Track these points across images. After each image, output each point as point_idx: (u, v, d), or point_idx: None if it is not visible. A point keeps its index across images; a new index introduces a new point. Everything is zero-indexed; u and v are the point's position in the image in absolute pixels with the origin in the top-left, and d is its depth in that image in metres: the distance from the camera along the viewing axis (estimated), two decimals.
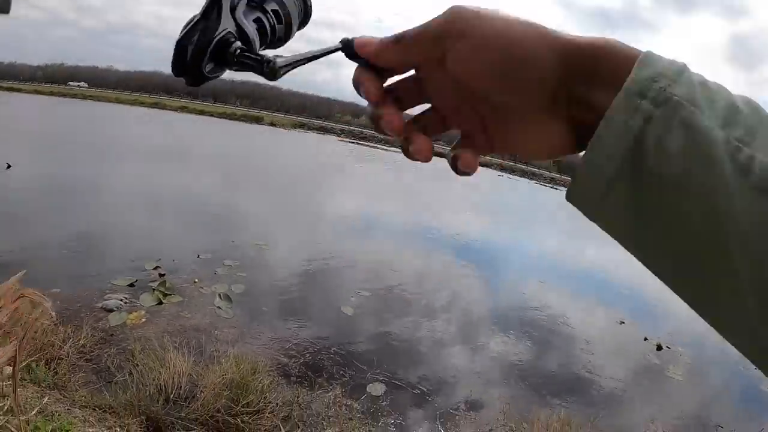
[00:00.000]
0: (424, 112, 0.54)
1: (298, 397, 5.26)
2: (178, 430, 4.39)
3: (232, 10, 0.55)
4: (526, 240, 17.17)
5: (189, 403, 4.68)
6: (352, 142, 50.01)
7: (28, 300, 2.06)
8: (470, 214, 19.71)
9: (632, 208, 0.40)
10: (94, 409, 4.32)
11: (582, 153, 0.42)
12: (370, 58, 0.50)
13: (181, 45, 0.52)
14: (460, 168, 0.51)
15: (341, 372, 6.02)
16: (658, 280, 0.43)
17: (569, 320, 9.11)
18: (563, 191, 0.45)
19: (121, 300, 6.74)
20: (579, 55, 0.42)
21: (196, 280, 7.85)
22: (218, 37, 0.53)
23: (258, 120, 48.28)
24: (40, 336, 5.04)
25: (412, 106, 0.53)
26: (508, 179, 49.26)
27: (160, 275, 7.83)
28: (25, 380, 4.29)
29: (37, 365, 4.64)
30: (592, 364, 7.45)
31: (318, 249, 11.21)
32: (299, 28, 0.64)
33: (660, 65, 0.40)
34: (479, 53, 0.44)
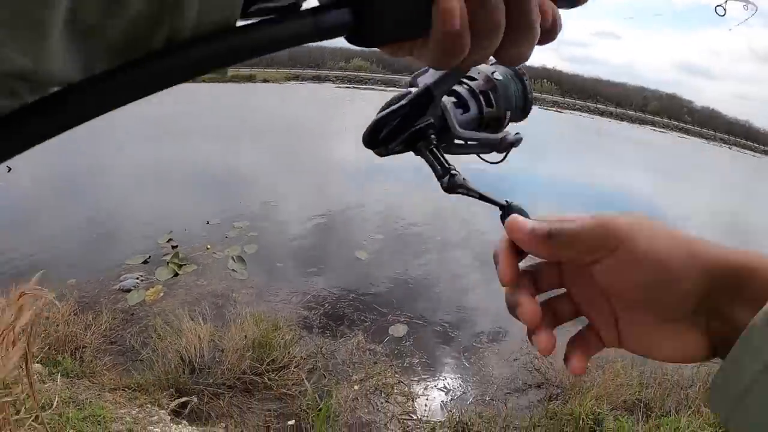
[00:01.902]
0: (558, 297, 0.54)
1: (321, 348, 5.30)
2: (207, 396, 4.45)
3: (441, 95, 0.56)
4: (539, 166, 17.00)
5: (215, 369, 4.72)
6: (349, 87, 49.39)
7: (31, 296, 2.03)
8: None
9: (760, 425, 0.39)
10: (124, 390, 4.37)
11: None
12: (516, 242, 0.51)
13: (379, 123, 0.56)
14: (569, 368, 0.51)
15: (362, 317, 6.04)
16: (679, 201, 0.39)
17: None
18: (567, 114, 0.38)
19: (137, 278, 6.76)
20: (726, 273, 0.42)
21: (209, 246, 7.85)
22: (416, 128, 0.56)
23: (250, 78, 47.59)
24: (63, 328, 5.09)
25: (547, 290, 0.54)
26: None
27: (173, 247, 7.83)
28: (54, 374, 4.34)
29: (63, 357, 4.69)
30: None
31: (326, 198, 11.16)
32: (517, 120, 0.67)
33: None
34: (628, 270, 0.45)
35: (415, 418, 4.48)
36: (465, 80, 0.61)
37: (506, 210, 0.56)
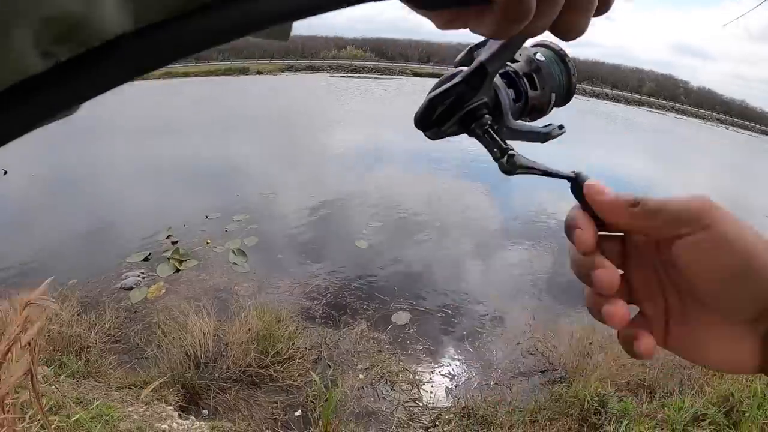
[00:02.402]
0: (635, 278, 0.51)
1: (325, 338, 5.32)
2: (213, 391, 4.47)
3: (495, 73, 0.54)
4: (534, 149, 16.94)
5: (220, 363, 4.75)
6: (344, 76, 49.17)
7: (35, 306, 2.02)
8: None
9: None
10: (131, 388, 4.39)
11: None
12: (596, 207, 0.48)
13: (432, 102, 0.52)
14: (636, 350, 0.46)
15: (364, 306, 6.06)
16: (676, 182, 0.39)
17: None
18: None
19: (139, 276, 6.77)
20: None
21: (209, 241, 7.86)
22: (470, 107, 0.52)
23: (244, 71, 47.42)
24: (66, 328, 5.11)
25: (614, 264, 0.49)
26: None
27: (173, 243, 7.83)
28: (60, 375, 4.35)
29: (68, 358, 4.70)
30: None
31: (324, 188, 11.15)
32: (561, 105, 0.64)
33: None
34: (715, 252, 0.42)
35: (420, 404, 4.51)
36: (507, 62, 0.59)
37: (576, 180, 0.51)
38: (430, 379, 4.92)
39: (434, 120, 0.53)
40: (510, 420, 4.19)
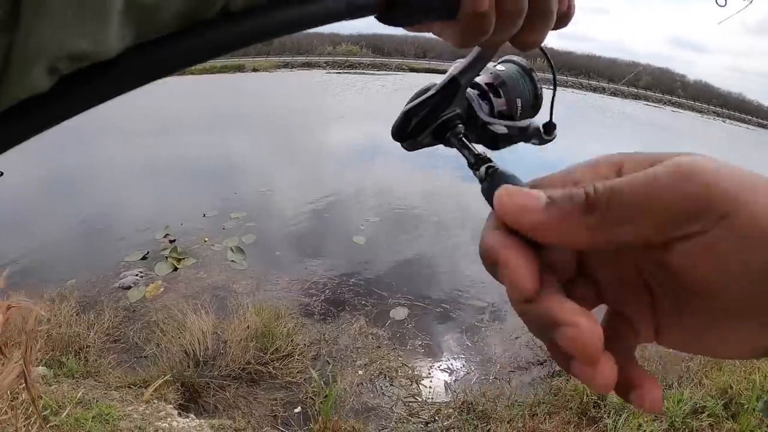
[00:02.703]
0: (577, 281, 0.38)
1: (324, 335, 5.33)
2: (213, 389, 4.47)
3: (467, 85, 0.55)
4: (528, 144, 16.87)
5: (219, 361, 4.75)
6: (340, 73, 49.11)
7: (19, 311, 2.00)
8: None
9: None
10: (130, 387, 4.39)
11: None
12: (528, 232, 0.33)
13: (408, 115, 0.55)
14: (637, 401, 0.34)
15: (362, 302, 6.06)
16: None
17: None
18: (559, 90, 0.40)
19: (137, 275, 6.76)
20: None
21: (206, 239, 7.86)
22: (444, 118, 0.54)
23: (240, 68, 47.36)
24: (65, 329, 5.11)
25: (563, 280, 0.36)
26: None
27: (171, 242, 7.83)
28: (59, 375, 4.36)
29: (67, 358, 4.70)
30: None
31: (321, 184, 11.15)
32: (531, 116, 0.66)
33: None
34: (746, 245, 0.28)
35: (420, 400, 4.52)
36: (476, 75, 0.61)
37: (484, 189, 0.46)
38: (429, 374, 4.93)
39: (410, 131, 0.55)
40: (509, 414, 4.20)
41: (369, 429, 3.95)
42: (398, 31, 0.47)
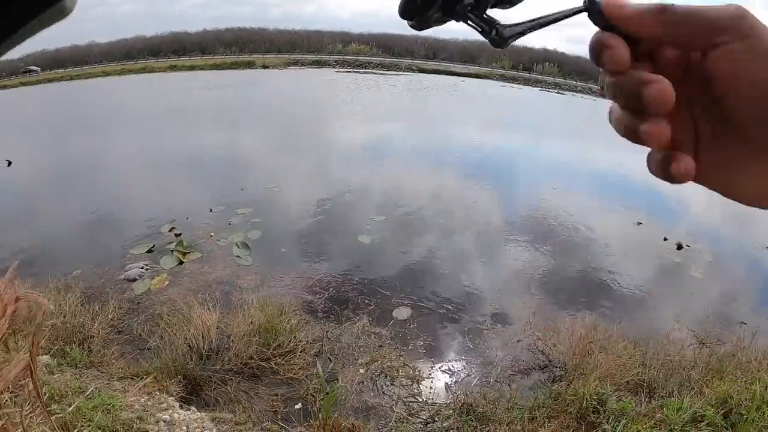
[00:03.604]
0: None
1: (327, 332, 5.35)
2: (215, 383, 4.49)
3: None
4: (537, 148, 16.85)
5: (222, 355, 4.77)
6: (349, 72, 49.08)
7: (27, 302, 2.01)
8: (477, 127, 19.41)
9: None
10: (132, 378, 4.41)
11: None
12: (621, 23, 0.42)
13: None
14: (675, 173, 0.42)
15: (366, 301, 6.08)
16: (684, 185, 0.38)
17: (586, 225, 8.97)
18: (568, 95, 0.40)
19: (142, 268, 6.80)
20: None
21: (212, 234, 7.89)
22: None
23: (250, 65, 47.45)
24: (70, 319, 5.14)
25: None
26: (511, 89, 48.09)
27: (176, 236, 7.87)
28: (63, 365, 4.39)
29: (71, 348, 4.73)
30: (612, 268, 7.37)
31: (328, 183, 11.18)
32: None
33: None
34: (759, 63, 0.38)
35: (420, 400, 4.52)
36: None
37: (591, 4, 0.48)
38: (430, 374, 4.94)
39: (418, 7, 0.52)
40: (509, 417, 4.20)
41: (369, 427, 3.96)
42: (409, 31, 0.47)
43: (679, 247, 8.27)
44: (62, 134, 17.49)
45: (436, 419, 4.27)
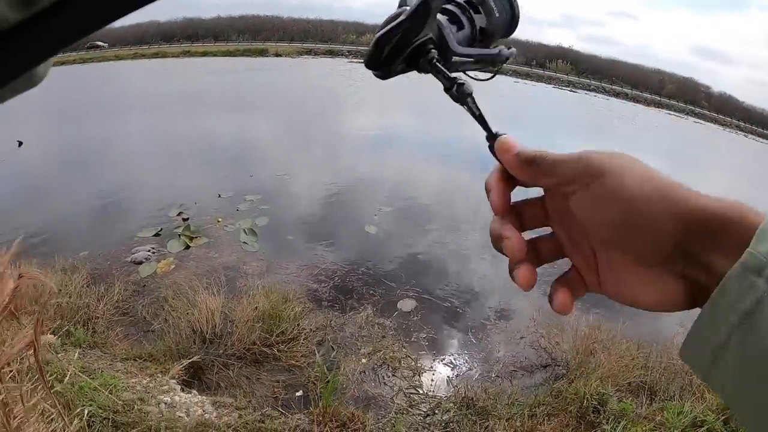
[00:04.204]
0: (543, 237, 0.54)
1: (330, 321, 5.35)
2: (217, 367, 4.51)
3: (438, 7, 0.55)
4: (548, 144, 16.75)
5: (225, 340, 4.79)
6: (362, 62, 49.05)
7: (29, 279, 2.01)
8: (490, 122, 19.35)
9: (738, 379, 0.38)
10: (135, 360, 4.44)
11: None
12: (504, 165, 0.50)
13: (379, 43, 0.54)
14: (553, 306, 0.50)
15: (371, 292, 6.08)
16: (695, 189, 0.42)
17: None
18: (581, 94, 0.40)
19: (149, 251, 6.83)
20: (703, 221, 0.41)
21: (220, 220, 7.91)
22: (417, 43, 0.53)
23: (262, 52, 47.41)
24: (75, 299, 5.17)
25: (532, 228, 0.53)
26: (524, 85, 47.88)
27: (184, 220, 7.89)
28: (67, 344, 4.41)
29: (75, 328, 4.75)
30: None
31: (337, 171, 11.17)
32: (506, 35, 0.66)
33: None
34: (599, 207, 0.44)
35: (421, 392, 4.53)
36: None
37: (493, 137, 0.52)
38: (432, 367, 4.94)
39: (383, 59, 0.54)
40: (509, 413, 4.20)
41: (368, 417, 3.96)
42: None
43: None
44: (73, 117, 17.53)
45: (436, 412, 4.27)
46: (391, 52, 0.53)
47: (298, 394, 4.33)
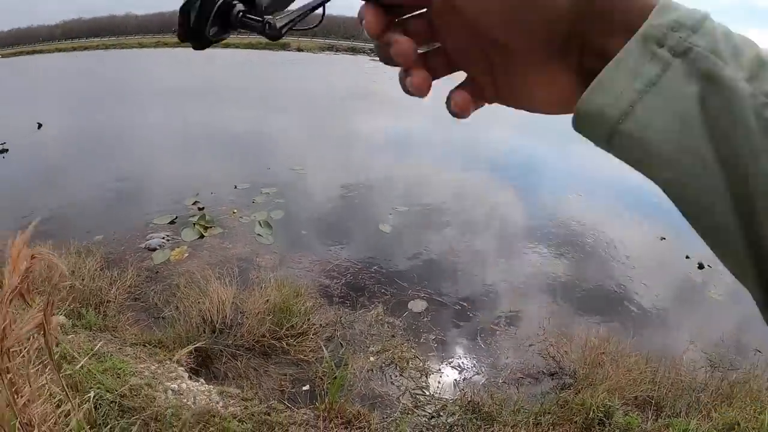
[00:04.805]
0: (431, 51, 0.50)
1: (340, 318, 5.36)
2: (225, 357, 4.53)
3: None
4: (565, 153, 16.62)
5: (235, 331, 4.80)
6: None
7: (42, 261, 2.01)
8: (507, 126, 19.29)
9: (643, 155, 0.38)
10: (145, 346, 4.47)
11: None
12: None
13: (184, 11, 0.50)
14: (451, 108, 0.48)
15: (382, 290, 6.07)
16: None
17: (608, 235, 8.79)
18: None
19: (163, 238, 6.87)
20: (596, 1, 0.39)
21: (235, 211, 7.94)
22: (219, 2, 0.51)
23: (284, 47, 47.55)
24: (88, 282, 5.21)
25: (420, 47, 0.48)
26: None
27: (200, 209, 7.93)
28: (77, 326, 4.45)
29: (87, 311, 4.79)
30: (632, 281, 7.19)
31: (354, 168, 11.17)
32: None
33: (680, 13, 0.37)
34: (453, 12, 0.42)
35: (427, 393, 4.52)
36: None
37: None
38: (440, 369, 4.92)
39: (192, 28, 0.52)
40: (514, 419, 4.18)
41: (374, 416, 3.96)
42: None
43: (701, 266, 8.07)
44: (94, 102, 17.67)
45: (441, 414, 4.26)
46: (198, 18, 0.51)
47: (304, 388, 4.33)
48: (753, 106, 0.33)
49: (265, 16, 0.51)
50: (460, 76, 0.50)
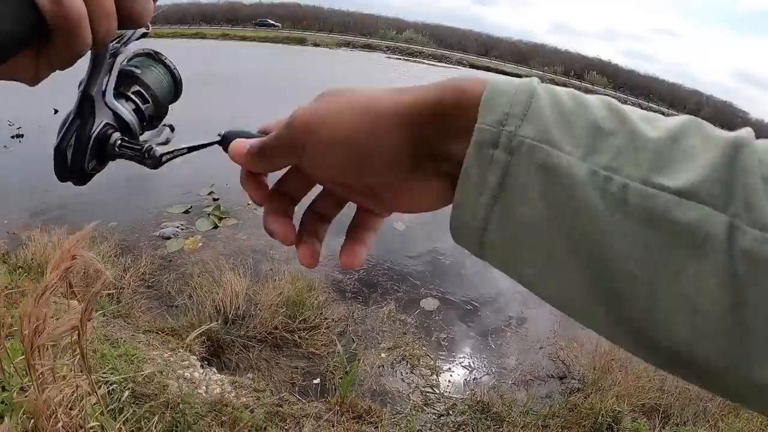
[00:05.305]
0: (318, 198, 0.54)
1: (353, 313, 5.37)
2: (237, 347, 4.55)
3: (104, 97, 0.52)
4: None
5: (247, 322, 4.83)
6: (399, 59, 48.94)
7: (83, 262, 2.00)
8: None
9: (508, 257, 0.39)
10: (157, 333, 4.50)
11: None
12: (244, 167, 0.50)
13: (60, 151, 0.50)
14: (342, 265, 0.52)
15: (395, 287, 6.08)
16: None
17: None
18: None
19: (178, 227, 6.90)
20: (427, 113, 0.39)
21: (250, 203, 7.96)
22: (95, 133, 0.51)
23: (301, 41, 47.61)
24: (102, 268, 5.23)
25: (304, 194, 0.53)
26: None
27: (214, 200, 7.96)
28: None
29: (100, 297, 4.82)
30: None
31: None
32: (173, 102, 0.67)
33: (505, 101, 0.36)
34: (324, 158, 0.43)
35: (437, 391, 4.53)
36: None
37: (224, 140, 0.53)
38: (450, 368, 4.93)
39: (71, 165, 0.51)
40: (523, 421, 4.18)
41: (385, 412, 3.98)
42: (461, 23, 0.46)
43: None
44: None
45: (451, 413, 4.27)
46: (75, 153, 0.51)
47: (315, 381, 4.35)
48: (594, 184, 0.33)
49: (144, 143, 0.53)
50: None
